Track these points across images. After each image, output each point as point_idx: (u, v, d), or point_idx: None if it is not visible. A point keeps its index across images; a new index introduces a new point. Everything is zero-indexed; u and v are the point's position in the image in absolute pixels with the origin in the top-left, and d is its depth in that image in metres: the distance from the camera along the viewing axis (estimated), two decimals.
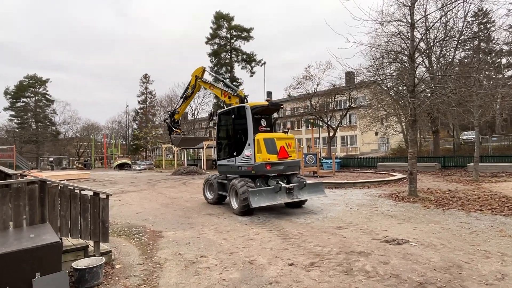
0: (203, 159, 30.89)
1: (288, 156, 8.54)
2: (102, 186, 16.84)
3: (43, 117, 57.17)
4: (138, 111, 68.35)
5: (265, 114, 9.05)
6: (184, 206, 9.64)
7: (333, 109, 28.61)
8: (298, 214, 7.77)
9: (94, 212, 4.40)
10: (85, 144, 61.17)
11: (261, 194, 7.73)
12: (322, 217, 7.43)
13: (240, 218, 7.55)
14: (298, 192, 8.25)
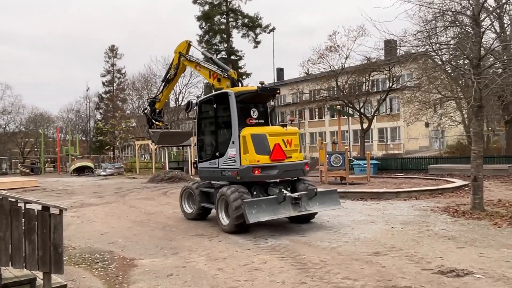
0: (190, 160, 31.03)
1: (285, 157, 8.77)
2: (54, 198, 17.02)
3: None
4: (103, 96, 68.68)
5: (257, 102, 9.35)
6: (166, 224, 9.72)
7: (367, 91, 28.54)
8: (319, 235, 7.78)
9: (43, 233, 4.43)
10: (32, 141, 61.77)
11: (260, 206, 7.91)
12: (353, 239, 7.43)
13: (241, 241, 7.58)
14: (307, 203, 8.48)
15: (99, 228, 9.59)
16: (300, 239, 7.54)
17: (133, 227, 9.56)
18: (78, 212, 12.41)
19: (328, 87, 30.83)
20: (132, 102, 57.48)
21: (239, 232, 8.28)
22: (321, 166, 17.40)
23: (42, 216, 4.48)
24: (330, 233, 8.02)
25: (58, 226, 4.56)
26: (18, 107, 61.61)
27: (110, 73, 67.28)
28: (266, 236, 7.92)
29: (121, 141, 51.62)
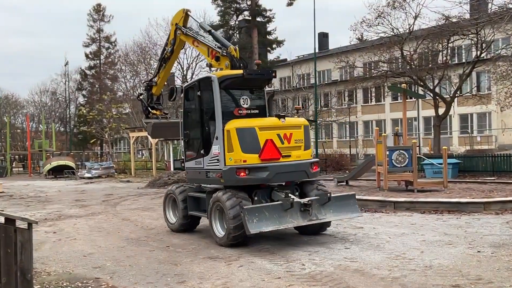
0: None
1: (279, 156, 9.33)
2: (23, 207, 17.63)
3: None
4: (86, 73, 70.25)
5: (249, 88, 10.11)
6: (169, 243, 9.87)
7: (444, 63, 27.93)
8: (375, 260, 7.71)
9: (7, 254, 4.56)
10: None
11: (263, 213, 8.51)
12: (423, 266, 7.33)
13: (269, 266, 7.60)
14: (318, 210, 9.10)
15: (82, 248, 9.83)
16: (350, 265, 7.50)
17: (126, 247, 9.75)
18: (55, 227, 12.78)
19: (389, 58, 30.37)
20: (125, 81, 58.22)
21: (237, 246, 8.88)
22: (378, 167, 17.22)
23: (5, 232, 4.62)
24: (391, 257, 7.93)
25: (26, 244, 4.70)
26: None
27: (96, 42, 68.64)
28: (302, 260, 7.92)
29: (111, 132, 52.61)
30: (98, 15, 68.26)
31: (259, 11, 45.44)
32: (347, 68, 38.69)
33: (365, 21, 28.55)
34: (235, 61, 10.16)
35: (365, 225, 11.21)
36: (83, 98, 69.75)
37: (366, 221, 11.78)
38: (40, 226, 12.87)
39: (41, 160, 47.51)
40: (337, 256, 8.19)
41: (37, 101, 70.04)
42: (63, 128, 70.43)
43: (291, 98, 42.24)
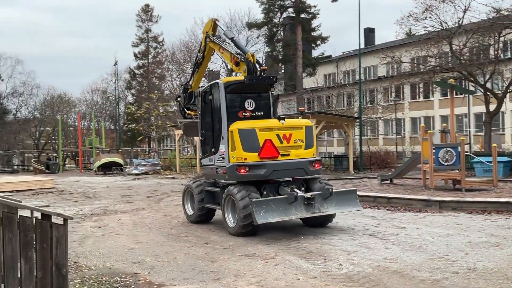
0: None
1: (277, 155, 10.26)
2: (72, 202, 18.12)
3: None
4: (135, 72, 71.74)
5: (254, 92, 11.13)
6: (208, 240, 9.92)
7: (496, 57, 26.90)
8: (416, 261, 7.48)
9: (43, 249, 4.65)
10: (48, 130, 66.23)
11: (269, 206, 9.49)
12: (466, 268, 7.07)
13: (305, 265, 7.50)
14: (321, 204, 10.00)
15: (124, 243, 10.01)
16: (389, 266, 7.30)
17: (166, 243, 9.86)
18: (100, 222, 13.07)
19: (438, 53, 29.55)
20: (171, 80, 59.12)
21: (247, 235, 9.86)
22: (424, 165, 16.75)
23: (41, 227, 4.71)
24: (433, 259, 7.68)
25: (61, 240, 4.78)
26: (31, 87, 66.29)
27: (144, 42, 69.92)
28: (340, 259, 7.77)
29: (157, 130, 53.49)
30: (146, 16, 69.44)
31: (304, 7, 45.02)
32: (394, 64, 37.86)
33: (412, 15, 27.87)
34: (251, 66, 10.91)
35: (408, 225, 10.91)
36: (132, 96, 71.21)
37: (409, 221, 11.47)
38: (86, 221, 13.26)
39: (92, 157, 48.83)
40: (377, 256, 7.98)
41: (88, 99, 71.97)
42: (113, 126, 72.09)
43: (335, 95, 41.72)
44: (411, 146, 43.79)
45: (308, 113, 30.10)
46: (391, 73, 44.12)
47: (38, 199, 19.78)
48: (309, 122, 11.20)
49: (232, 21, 47.93)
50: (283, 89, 61.43)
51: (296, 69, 44.85)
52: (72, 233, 11.31)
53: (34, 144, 64.11)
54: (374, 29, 62.19)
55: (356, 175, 27.06)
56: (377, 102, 44.89)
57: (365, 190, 16.82)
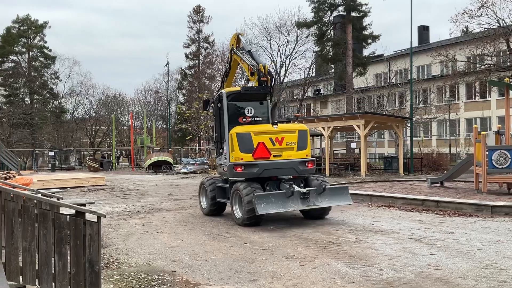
0: None
1: (269, 156, 11.65)
2: (121, 200, 18.55)
3: (41, 85, 65.86)
4: (186, 73, 72.89)
5: (254, 100, 12.78)
6: (248, 240, 9.88)
7: None
8: (462, 268, 7.15)
9: (77, 246, 4.73)
10: (103, 129, 68.29)
11: (269, 199, 10.99)
12: None
13: (345, 269, 7.31)
14: (316, 198, 11.42)
15: (165, 241, 10.11)
16: (432, 273, 7.00)
17: (206, 242, 9.89)
18: (145, 219, 13.28)
19: (494, 51, 28.43)
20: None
21: (251, 225, 11.28)
22: (477, 168, 16.09)
23: (75, 224, 4.78)
24: (480, 267, 7.31)
25: (94, 237, 4.84)
26: (87, 88, 68.56)
27: (195, 43, 70.99)
28: (381, 264, 7.53)
29: (206, 129, 54.03)
30: (197, 16, 70.46)
31: (354, 5, 44.36)
32: (448, 63, 36.68)
33: (467, 12, 27.03)
34: (261, 75, 12.37)
35: (456, 230, 10.47)
36: (183, 96, 72.36)
37: (458, 226, 11.01)
38: (132, 218, 13.52)
39: (143, 155, 49.95)
40: (420, 262, 7.69)
41: (141, 99, 73.71)
42: (164, 125, 73.46)
43: (386, 95, 40.85)
44: (466, 148, 42.29)
45: (356, 113, 29.68)
46: (445, 72, 42.79)
47: (88, 195, 20.37)
48: (304, 127, 12.44)
49: (281, 21, 47.79)
50: (333, 89, 60.82)
51: (346, 69, 44.29)
52: (117, 230, 11.60)
53: (89, 142, 66.25)
54: (428, 27, 60.56)
55: (406, 177, 26.37)
56: (430, 102, 43.63)
57: (413, 193, 16.32)
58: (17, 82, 64.31)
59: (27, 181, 17.86)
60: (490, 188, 16.23)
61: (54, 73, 67.03)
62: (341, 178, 26.88)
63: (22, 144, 57.85)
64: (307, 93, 55.53)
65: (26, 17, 64.14)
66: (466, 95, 46.34)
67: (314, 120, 30.70)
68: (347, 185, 12.66)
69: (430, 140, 49.22)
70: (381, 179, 24.16)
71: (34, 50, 65.11)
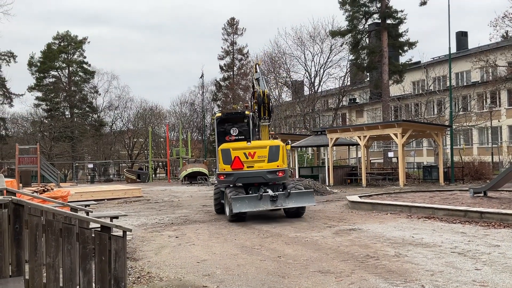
0: (329, 166, 30.80)
1: (243, 167, 14.50)
2: (156, 211, 18.55)
3: (80, 99, 67.54)
4: (221, 84, 73.33)
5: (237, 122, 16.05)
6: (281, 254, 9.59)
7: None
8: (508, 282, 6.68)
9: (101, 261, 4.58)
10: (141, 141, 69.30)
11: (244, 201, 13.94)
12: None
13: (383, 285, 6.95)
14: (284, 200, 14.10)
15: (197, 254, 9.93)
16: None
17: (238, 255, 9.65)
18: (178, 231, 13.16)
19: None
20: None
21: (235, 221, 14.28)
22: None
23: (100, 239, 4.64)
24: None
25: (120, 252, 4.68)
26: (125, 101, 69.86)
27: (229, 54, 71.41)
28: (423, 280, 7.12)
29: None
30: (232, 29, 70.93)
31: (390, 12, 43.72)
32: (488, 68, 35.58)
33: (508, 16, 26.18)
34: (259, 99, 15.75)
35: (502, 243, 9.92)
36: (218, 108, 72.76)
37: (504, 238, 10.44)
38: (165, 230, 13.44)
39: (179, 166, 50.29)
40: (464, 278, 7.24)
41: (177, 111, 74.54)
42: (200, 137, 73.98)
43: (424, 102, 39.92)
44: (509, 156, 40.85)
45: (393, 121, 29.03)
46: (486, 78, 41.54)
47: (124, 207, 20.49)
48: (277, 142, 14.93)
49: (315, 30, 47.72)
50: (368, 98, 59.99)
51: (382, 77, 43.60)
52: (150, 242, 11.51)
53: (128, 155, 67.31)
54: (467, 33, 59.16)
55: (447, 187, 25.58)
56: (470, 109, 42.42)
57: (455, 204, 15.69)
58: (58, 97, 66.17)
59: (64, 193, 18.04)
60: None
61: (93, 87, 68.81)
62: (378, 188, 26.27)
63: (63, 157, 59.24)
64: (342, 102, 54.96)
65: (66, 33, 66.05)
66: (508, 101, 44.83)
67: (350, 129, 30.17)
68: (311, 190, 15.53)
69: (471, 148, 47.79)
70: (420, 189, 23.44)
71: (74, 65, 66.96)
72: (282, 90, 55.07)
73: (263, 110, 16.03)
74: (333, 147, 31.66)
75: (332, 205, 18.63)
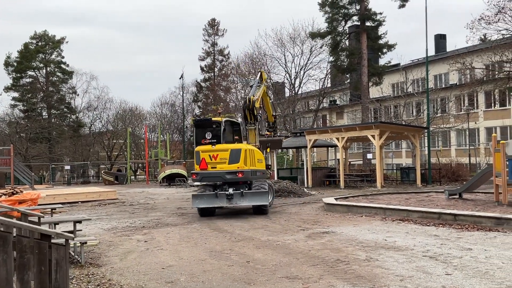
0: (307, 167, 30.61)
1: (207, 167, 15.91)
2: (129, 214, 18.11)
3: (58, 99, 66.44)
4: (202, 85, 72.73)
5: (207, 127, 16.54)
6: (251, 258, 9.30)
7: None
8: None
9: (41, 272, 4.23)
10: (121, 142, 68.35)
11: (203, 198, 15.91)
12: None
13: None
14: (239, 199, 15.67)
15: (164, 259, 9.58)
16: None
17: (206, 260, 9.34)
18: (148, 235, 12.78)
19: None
20: (236, 91, 59.33)
21: (202, 216, 16.20)
22: (497, 179, 15.31)
23: (39, 248, 4.29)
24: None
25: (61, 262, 4.34)
26: (104, 102, 68.91)
27: (210, 56, 70.90)
28: (391, 286, 6.89)
29: None
30: (212, 30, 70.40)
31: (369, 15, 43.79)
32: (465, 71, 35.78)
33: (484, 18, 26.25)
34: (245, 105, 17.83)
35: (475, 246, 9.76)
36: (198, 109, 72.19)
37: (477, 241, 10.29)
38: (135, 234, 13.02)
39: (158, 168, 49.69)
40: (434, 283, 7.02)
41: (158, 112, 73.79)
42: (182, 138, 73.31)
43: (403, 104, 40.02)
44: (486, 158, 41.16)
45: (371, 123, 28.98)
46: (463, 81, 41.85)
47: (96, 210, 20.01)
48: (238, 146, 16.11)
49: (295, 32, 47.47)
50: (348, 99, 60.08)
51: (361, 78, 43.63)
52: (117, 247, 11.11)
53: (107, 156, 66.38)
54: (445, 36, 59.61)
55: (424, 188, 25.59)
56: (448, 111, 42.68)
57: (430, 206, 15.57)
58: (35, 97, 64.99)
59: (34, 196, 17.46)
60: (511, 199, 15.43)
61: (72, 87, 67.80)
62: (356, 190, 26.15)
63: (40, 158, 58.13)
64: (323, 104, 54.91)
65: (44, 33, 64.94)
66: (485, 103, 45.26)
67: (328, 130, 30.06)
68: (265, 191, 16.07)
69: (449, 150, 48.13)
70: (397, 191, 23.37)
71: (52, 66, 65.85)
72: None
73: (249, 115, 17.71)
74: (312, 149, 31.49)
75: (308, 207, 18.40)
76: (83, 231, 12.94)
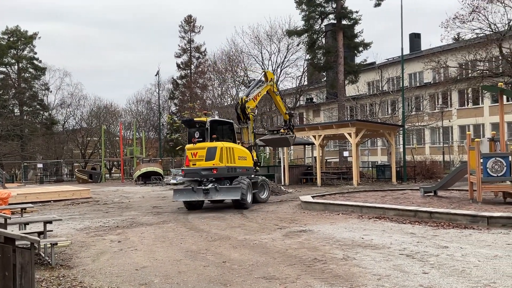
0: (284, 165, 30.55)
1: (189, 164, 17.32)
2: (102, 214, 17.75)
3: (31, 96, 65.10)
4: (178, 82, 72.02)
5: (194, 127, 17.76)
6: (227, 258, 9.14)
7: None
8: (456, 287, 6.43)
9: (5, 277, 3.99)
10: (95, 139, 67.28)
11: (182, 192, 17.23)
12: None
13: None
14: (214, 193, 16.66)
15: (138, 260, 9.35)
16: None
17: (182, 261, 9.13)
18: (122, 235, 12.50)
19: (486, 56, 27.94)
20: (213, 89, 58.98)
21: (189, 209, 17.54)
22: (471, 176, 15.44)
23: (2, 252, 4.04)
24: (477, 287, 6.60)
25: (26, 267, 4.11)
26: (78, 99, 67.78)
27: (187, 52, 70.25)
28: (369, 285, 6.81)
29: None
30: (189, 26, 69.72)
31: (345, 13, 43.93)
32: (440, 69, 36.18)
33: (458, 17, 26.56)
34: (237, 105, 18.92)
35: (451, 244, 9.77)
36: (175, 106, 71.52)
37: (452, 239, 10.31)
38: (108, 235, 12.72)
39: (133, 166, 49.06)
40: (412, 282, 6.96)
41: (133, 110, 72.91)
42: (158, 136, 72.54)
43: (378, 102, 40.30)
44: (460, 156, 41.77)
45: (347, 121, 29.08)
46: (437, 79, 42.36)
47: (69, 209, 19.58)
48: (214, 144, 16.88)
49: (272, 29, 47.43)
50: (325, 97, 60.29)
51: (338, 77, 43.75)
52: (90, 248, 10.82)
53: (81, 154, 65.34)
54: (420, 35, 60.27)
55: (399, 186, 25.76)
56: (423, 110, 43.13)
57: (406, 203, 15.62)
58: (6, 94, 63.49)
59: (4, 195, 16.95)
60: (485, 197, 15.64)
61: (44, 84, 66.49)
62: (333, 188, 26.20)
63: (11, 156, 56.88)
64: (300, 102, 54.97)
65: (16, 28, 63.55)
66: (458, 102, 45.90)
67: (305, 128, 30.04)
68: (239, 186, 16.73)
69: (424, 147, 48.69)
70: (373, 188, 23.47)
71: (24, 62, 64.53)
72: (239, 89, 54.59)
73: (241, 114, 18.60)
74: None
75: (285, 206, 18.31)
76: (55, 231, 12.62)
